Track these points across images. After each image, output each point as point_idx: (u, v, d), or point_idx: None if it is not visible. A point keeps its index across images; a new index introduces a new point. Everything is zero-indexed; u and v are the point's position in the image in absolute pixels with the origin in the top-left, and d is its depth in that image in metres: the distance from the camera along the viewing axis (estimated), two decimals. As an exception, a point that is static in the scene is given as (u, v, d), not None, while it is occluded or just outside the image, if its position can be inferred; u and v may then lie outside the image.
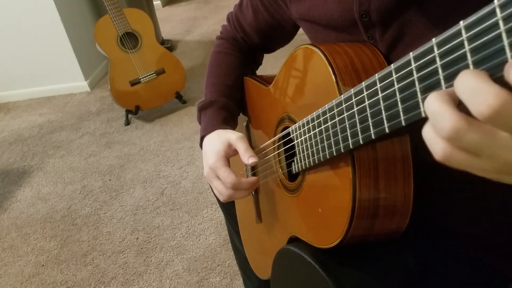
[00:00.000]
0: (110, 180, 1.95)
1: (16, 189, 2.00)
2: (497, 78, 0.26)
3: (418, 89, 0.32)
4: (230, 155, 0.72)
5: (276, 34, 0.83)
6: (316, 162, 0.54)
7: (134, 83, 2.26)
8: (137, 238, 1.60)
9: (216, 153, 0.71)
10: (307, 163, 0.57)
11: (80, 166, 2.10)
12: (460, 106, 0.27)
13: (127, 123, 2.39)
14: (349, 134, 0.43)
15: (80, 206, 1.82)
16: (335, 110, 0.46)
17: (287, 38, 0.86)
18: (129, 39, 2.24)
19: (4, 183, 2.07)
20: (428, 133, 0.31)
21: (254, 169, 0.83)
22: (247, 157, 0.68)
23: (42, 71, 2.85)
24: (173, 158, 2.03)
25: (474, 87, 0.26)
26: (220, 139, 0.73)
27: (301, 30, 0.76)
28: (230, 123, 0.80)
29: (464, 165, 0.30)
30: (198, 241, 1.54)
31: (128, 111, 2.35)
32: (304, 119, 0.55)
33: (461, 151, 0.29)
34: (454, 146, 0.29)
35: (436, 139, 0.30)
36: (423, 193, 0.52)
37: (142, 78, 2.27)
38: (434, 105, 0.29)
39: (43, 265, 1.56)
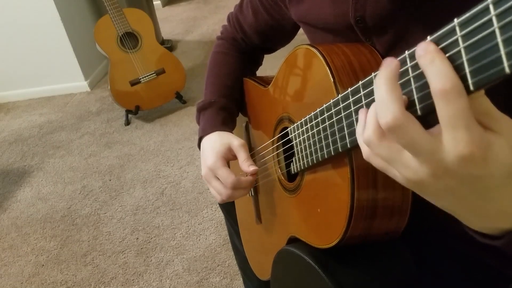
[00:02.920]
0: (110, 180, 1.95)
1: (16, 189, 2.01)
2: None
3: (413, 88, 0.32)
4: (229, 159, 0.73)
5: (276, 35, 0.83)
6: (315, 162, 0.54)
7: (134, 83, 2.26)
8: (137, 238, 1.60)
9: (216, 154, 0.71)
10: (305, 163, 0.57)
11: (80, 166, 2.10)
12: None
13: (127, 123, 2.39)
14: (346, 134, 0.43)
15: (80, 206, 1.82)
16: (333, 110, 0.46)
17: (287, 39, 0.85)
18: (129, 39, 2.24)
19: (4, 183, 2.07)
20: (357, 133, 0.38)
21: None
22: (248, 165, 0.69)
23: (42, 71, 2.85)
24: (173, 158, 2.03)
25: (381, 98, 0.31)
26: (221, 141, 0.73)
27: (301, 30, 0.76)
28: (229, 124, 0.80)
29: (381, 169, 0.36)
30: (198, 241, 1.54)
31: (128, 111, 2.35)
32: (302, 119, 0.55)
33: (377, 157, 0.35)
34: (372, 152, 0.35)
35: (360, 141, 0.37)
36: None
37: (142, 78, 2.27)
38: (367, 111, 0.35)
39: (43, 265, 1.56)
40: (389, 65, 0.32)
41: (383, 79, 0.32)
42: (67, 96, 2.87)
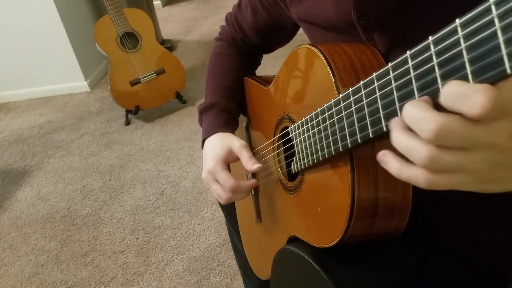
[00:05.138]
0: (110, 180, 1.95)
1: (16, 189, 2.01)
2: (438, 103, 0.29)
3: (415, 88, 0.32)
4: (230, 161, 0.73)
5: (275, 34, 0.83)
6: (315, 161, 0.54)
7: (134, 83, 2.26)
8: (137, 238, 1.60)
9: (216, 157, 0.72)
10: (306, 162, 0.57)
11: (80, 166, 2.10)
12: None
13: (127, 123, 2.39)
14: (347, 133, 0.43)
15: (80, 206, 1.82)
16: (334, 109, 0.46)
17: (286, 38, 0.85)
18: (129, 39, 2.24)
19: (4, 183, 2.07)
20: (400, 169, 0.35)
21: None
22: (252, 164, 0.68)
23: (42, 71, 2.85)
24: (173, 158, 2.03)
25: (416, 117, 0.30)
26: (221, 144, 0.73)
27: (301, 30, 0.76)
28: (231, 125, 0.80)
29: (452, 186, 0.33)
30: (198, 241, 1.54)
31: (128, 111, 2.35)
32: (303, 118, 0.55)
33: (440, 176, 0.33)
34: (433, 174, 0.33)
35: (411, 172, 0.34)
36: (423, 193, 0.52)
37: (142, 78, 2.27)
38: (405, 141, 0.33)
39: (43, 265, 1.56)
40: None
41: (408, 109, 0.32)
42: (67, 96, 2.87)
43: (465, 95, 0.27)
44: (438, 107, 0.29)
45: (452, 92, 0.28)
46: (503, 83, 0.27)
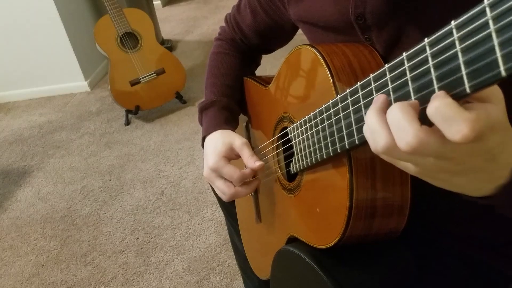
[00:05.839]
0: (110, 180, 1.96)
1: (16, 189, 2.01)
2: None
3: (411, 89, 0.32)
4: (231, 158, 0.72)
5: (275, 35, 0.83)
6: (314, 162, 0.54)
7: (134, 83, 2.26)
8: (137, 238, 1.60)
9: (217, 154, 0.71)
10: (304, 163, 0.57)
11: (80, 166, 2.10)
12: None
13: (127, 123, 2.39)
14: (345, 134, 0.43)
15: (80, 206, 1.82)
16: (331, 110, 0.46)
17: (285, 39, 0.85)
18: (129, 39, 2.24)
19: (4, 183, 2.07)
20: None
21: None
22: (253, 161, 0.68)
23: (42, 71, 2.85)
24: (173, 158, 2.04)
25: (400, 124, 0.32)
26: (222, 141, 0.72)
27: (300, 30, 0.76)
28: (231, 123, 0.80)
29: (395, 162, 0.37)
30: (198, 241, 1.54)
31: (128, 111, 2.35)
32: (302, 119, 0.55)
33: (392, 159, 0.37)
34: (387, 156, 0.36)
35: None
36: (422, 193, 0.52)
37: (142, 78, 2.27)
38: (397, 115, 0.34)
39: (43, 265, 1.56)
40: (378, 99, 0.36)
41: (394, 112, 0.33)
42: (67, 96, 2.87)
43: (452, 119, 0.29)
44: (424, 111, 0.31)
45: (440, 112, 0.29)
46: (493, 107, 0.29)
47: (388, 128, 0.33)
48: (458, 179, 0.35)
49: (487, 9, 0.25)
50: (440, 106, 0.29)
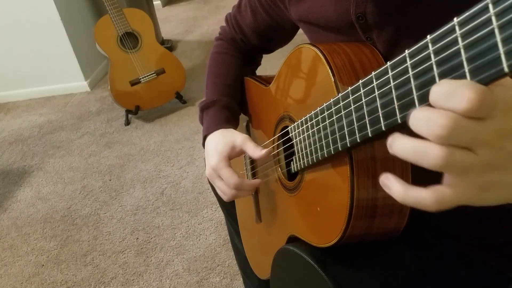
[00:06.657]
0: (110, 180, 1.95)
1: (16, 189, 2.01)
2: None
3: (413, 87, 0.32)
4: (233, 157, 0.73)
5: (275, 35, 0.83)
6: (314, 161, 0.54)
7: (134, 83, 2.26)
8: (137, 238, 1.60)
9: (219, 153, 0.71)
10: (305, 162, 0.57)
11: (80, 166, 2.10)
12: None
13: (127, 123, 2.39)
14: (346, 133, 0.43)
15: (80, 206, 1.82)
16: (333, 109, 0.46)
17: (286, 39, 0.85)
18: (129, 39, 2.24)
19: (4, 183, 2.07)
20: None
21: (254, 168, 0.83)
22: (259, 151, 0.67)
23: (42, 71, 2.85)
24: (173, 158, 2.03)
25: (426, 116, 0.29)
26: (224, 140, 0.73)
27: (301, 30, 0.76)
28: (232, 122, 0.80)
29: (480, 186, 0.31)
30: (198, 241, 1.54)
31: (128, 111, 2.35)
32: (303, 118, 0.55)
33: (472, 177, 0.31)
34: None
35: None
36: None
37: (142, 78, 2.27)
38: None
39: (43, 265, 1.56)
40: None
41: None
42: (67, 96, 2.87)
43: (453, 92, 0.27)
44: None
45: (439, 90, 0.28)
46: (495, 86, 0.28)
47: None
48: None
49: (490, 6, 0.25)
50: (437, 86, 0.28)
